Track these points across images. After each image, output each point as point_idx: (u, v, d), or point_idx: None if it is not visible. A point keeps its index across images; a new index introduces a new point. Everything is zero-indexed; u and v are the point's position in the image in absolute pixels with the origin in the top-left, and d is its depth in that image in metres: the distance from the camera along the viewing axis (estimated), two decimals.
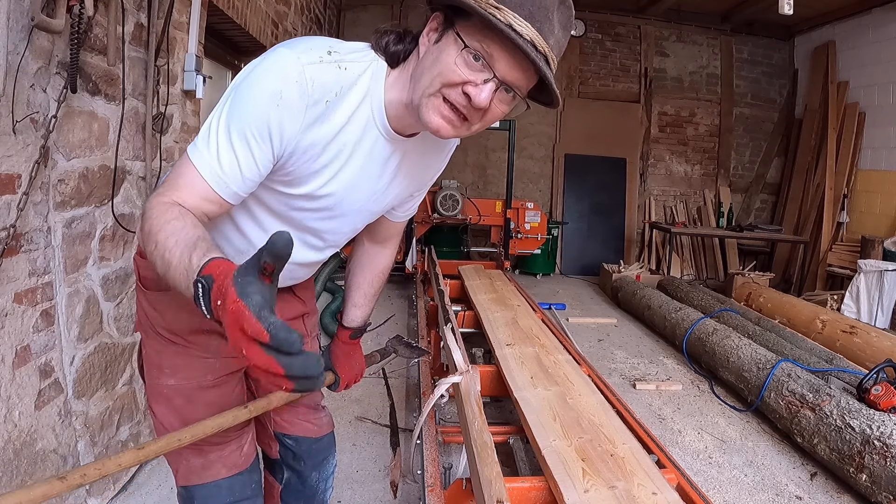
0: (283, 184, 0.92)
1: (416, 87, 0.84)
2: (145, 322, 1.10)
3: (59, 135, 1.52)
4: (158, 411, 1.10)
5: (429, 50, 0.83)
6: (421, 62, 0.84)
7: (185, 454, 1.10)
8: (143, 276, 1.08)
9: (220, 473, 1.13)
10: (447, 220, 5.18)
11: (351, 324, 1.30)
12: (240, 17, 2.87)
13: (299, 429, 1.31)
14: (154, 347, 1.09)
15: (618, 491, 1.20)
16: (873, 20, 5.50)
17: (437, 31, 0.83)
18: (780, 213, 6.65)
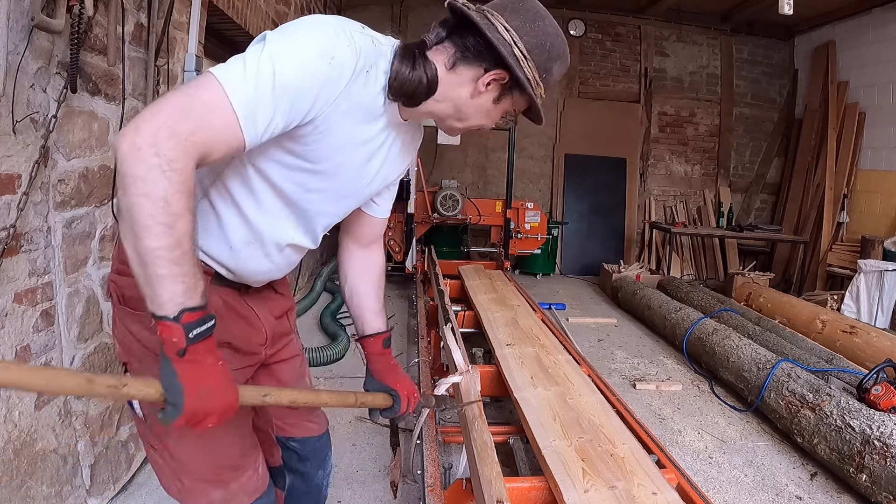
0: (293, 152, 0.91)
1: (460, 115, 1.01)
2: (139, 349, 0.97)
3: (59, 135, 1.52)
4: (173, 444, 1.00)
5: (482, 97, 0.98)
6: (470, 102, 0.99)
7: (204, 489, 1.02)
8: (130, 297, 0.95)
9: (244, 502, 1.06)
10: (447, 220, 5.17)
11: (380, 329, 1.26)
12: (240, 17, 2.87)
13: (302, 430, 1.30)
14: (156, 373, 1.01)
15: (618, 491, 1.20)
16: (873, 20, 5.50)
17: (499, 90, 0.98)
18: (780, 213, 6.65)
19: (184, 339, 0.72)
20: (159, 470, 1.05)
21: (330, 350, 3.21)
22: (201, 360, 0.75)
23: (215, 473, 1.03)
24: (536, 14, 0.97)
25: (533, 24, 0.96)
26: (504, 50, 0.93)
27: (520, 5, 0.96)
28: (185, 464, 1.01)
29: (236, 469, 1.06)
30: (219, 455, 1.03)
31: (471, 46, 0.95)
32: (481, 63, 0.95)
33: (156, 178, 0.69)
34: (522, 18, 0.95)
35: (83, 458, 1.69)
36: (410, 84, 0.94)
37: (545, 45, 0.96)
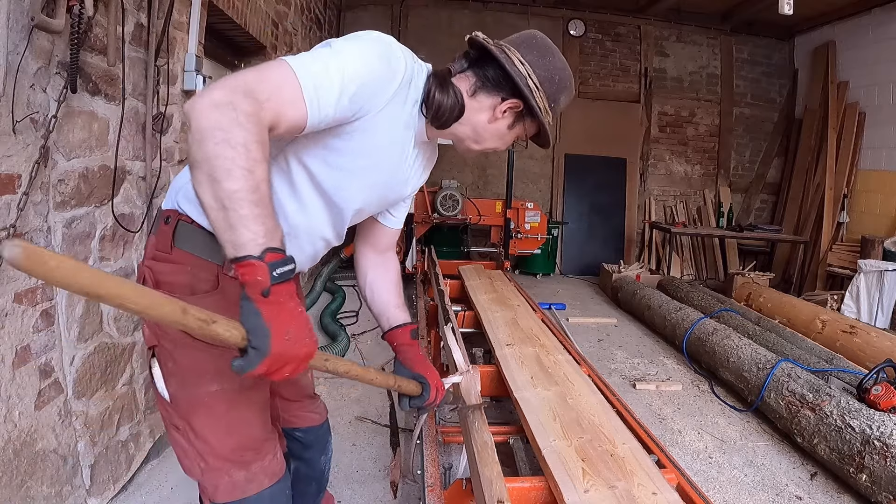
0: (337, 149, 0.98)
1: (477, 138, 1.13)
2: (172, 331, 1.00)
3: (59, 135, 1.52)
4: (199, 423, 1.04)
5: (498, 122, 1.10)
6: (488, 127, 1.11)
7: (226, 468, 1.06)
8: (168, 282, 1.00)
9: (264, 484, 1.10)
10: (447, 220, 5.17)
11: (406, 321, 1.30)
12: (240, 17, 2.87)
13: (306, 420, 1.38)
14: (191, 355, 1.02)
15: (618, 491, 1.20)
16: (873, 20, 5.50)
17: (513, 117, 1.10)
18: (780, 213, 6.65)
19: (268, 278, 0.72)
20: (182, 451, 1.08)
21: (330, 350, 3.22)
22: (284, 302, 0.75)
23: (239, 454, 1.06)
24: (547, 50, 1.10)
25: (544, 59, 1.08)
26: (520, 81, 1.05)
27: (533, 42, 1.09)
28: (210, 443, 1.04)
29: (258, 451, 1.09)
30: (244, 435, 1.07)
31: (490, 77, 1.07)
32: (499, 92, 1.08)
33: (235, 128, 0.73)
34: (535, 54, 1.08)
35: (83, 458, 1.69)
36: (445, 107, 1.05)
37: (554, 78, 1.09)
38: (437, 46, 6.44)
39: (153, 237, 1.06)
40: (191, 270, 1.01)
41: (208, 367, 1.03)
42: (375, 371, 1.12)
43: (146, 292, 0.64)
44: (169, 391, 1.04)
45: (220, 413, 1.05)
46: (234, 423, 1.06)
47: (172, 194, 1.07)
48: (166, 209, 1.05)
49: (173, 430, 1.08)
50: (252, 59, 3.49)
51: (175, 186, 1.08)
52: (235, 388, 1.06)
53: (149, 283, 1.03)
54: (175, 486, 2.00)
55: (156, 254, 1.03)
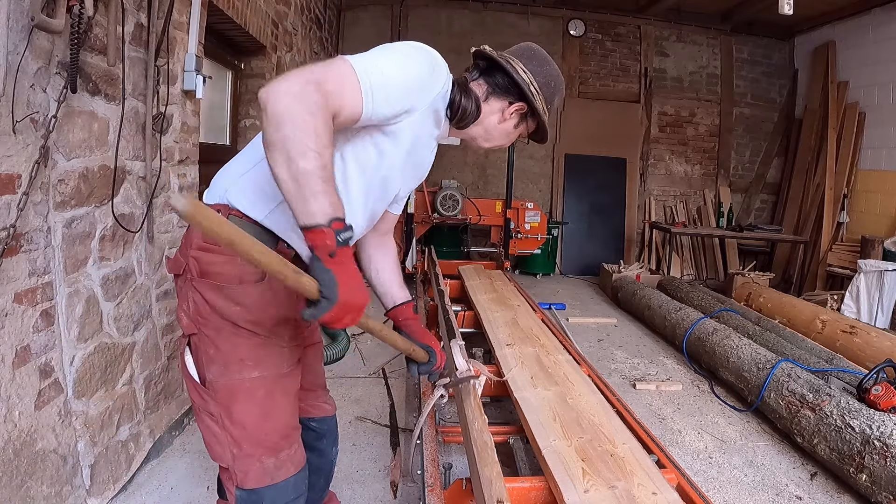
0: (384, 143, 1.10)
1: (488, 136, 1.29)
2: (215, 319, 1.09)
3: (59, 135, 1.52)
4: (238, 409, 1.11)
5: (506, 123, 1.28)
6: (497, 127, 1.28)
7: (258, 455, 1.13)
8: (216, 272, 1.08)
9: (290, 471, 1.17)
10: (447, 220, 5.17)
11: (408, 298, 1.44)
12: (240, 17, 2.87)
13: (321, 410, 1.46)
14: (232, 342, 1.10)
15: (618, 491, 1.20)
16: (873, 20, 5.50)
17: (518, 118, 1.28)
18: (780, 213, 6.65)
19: (335, 242, 0.85)
20: (214, 438, 1.14)
21: (330, 350, 3.22)
22: (347, 262, 0.88)
23: (272, 440, 1.14)
24: (544, 59, 1.28)
25: (542, 68, 1.26)
26: (525, 87, 1.23)
27: (532, 53, 1.27)
28: (247, 428, 1.11)
29: (288, 438, 1.18)
30: (279, 422, 1.16)
31: (500, 84, 1.24)
32: (507, 97, 1.25)
33: (308, 117, 0.85)
34: (535, 63, 1.26)
35: (83, 458, 1.69)
36: (468, 111, 1.20)
37: (551, 83, 1.27)
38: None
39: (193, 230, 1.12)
40: (240, 262, 1.07)
41: (250, 353, 1.11)
42: (397, 335, 1.28)
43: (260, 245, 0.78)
44: (207, 377, 1.11)
45: (259, 399, 1.12)
46: (270, 409, 1.13)
47: (219, 191, 1.13)
48: (214, 203, 1.12)
49: (207, 417, 1.14)
50: (252, 58, 3.49)
51: (220, 184, 1.14)
52: (274, 376, 1.14)
53: (193, 271, 1.10)
54: (175, 486, 2.00)
55: (202, 244, 1.09)
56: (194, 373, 1.13)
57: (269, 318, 1.11)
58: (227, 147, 3.41)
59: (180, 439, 2.33)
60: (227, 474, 1.16)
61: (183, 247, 1.14)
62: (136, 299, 2.00)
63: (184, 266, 1.11)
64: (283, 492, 1.16)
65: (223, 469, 1.18)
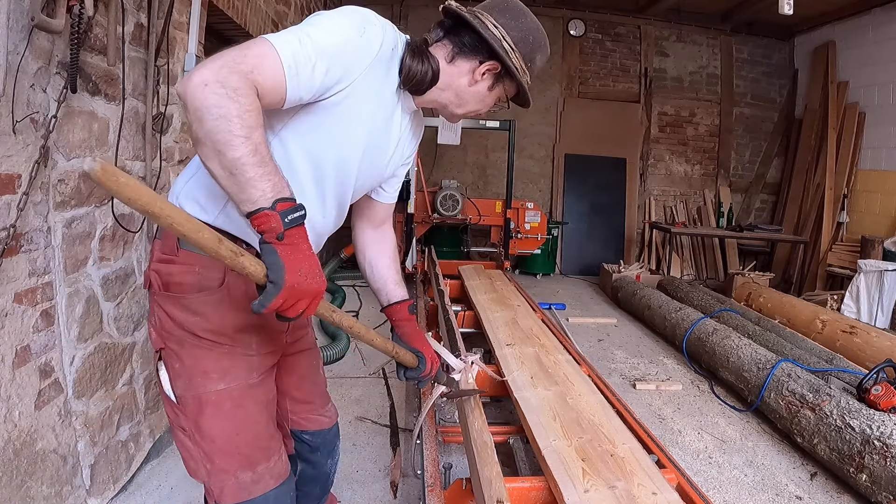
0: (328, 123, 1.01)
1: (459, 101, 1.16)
2: (178, 332, 1.04)
3: (59, 135, 1.52)
4: (206, 423, 1.06)
5: (478, 85, 1.14)
6: (468, 90, 1.14)
7: (232, 470, 1.08)
8: (176, 283, 1.03)
9: (270, 485, 1.11)
10: (447, 220, 5.17)
11: (405, 297, 1.35)
12: (240, 17, 2.87)
13: (316, 423, 1.37)
14: (195, 355, 1.05)
15: (618, 491, 1.20)
16: (873, 20, 5.50)
17: (492, 79, 1.14)
18: (780, 213, 6.65)
19: (281, 224, 0.82)
20: (187, 454, 1.09)
21: (330, 350, 3.22)
22: (297, 243, 0.84)
23: (245, 454, 1.08)
24: (519, 11, 1.13)
25: (517, 21, 1.12)
26: (495, 44, 1.09)
27: (505, 5, 1.13)
28: (216, 442, 1.06)
29: (265, 450, 1.12)
30: (251, 434, 1.09)
31: (466, 42, 1.11)
32: (476, 56, 1.11)
33: (227, 103, 0.80)
34: (508, 16, 1.12)
35: (83, 458, 1.69)
36: (420, 74, 1.08)
37: (528, 38, 1.13)
38: None
39: (158, 241, 1.07)
40: (198, 270, 1.03)
41: (213, 365, 1.05)
42: (376, 333, 1.17)
43: (191, 219, 0.74)
44: (176, 392, 1.06)
45: (227, 411, 1.07)
46: (241, 421, 1.08)
47: (173, 197, 1.08)
48: None
49: (180, 433, 1.10)
50: None
51: (175, 189, 1.09)
52: (241, 387, 1.08)
53: (156, 286, 1.05)
54: (175, 486, 2.00)
55: (161, 256, 1.05)
56: (168, 388, 1.08)
57: (230, 326, 1.06)
58: None
59: None
60: (207, 490, 1.12)
61: (149, 261, 1.10)
62: (136, 299, 2.00)
63: (148, 282, 1.07)
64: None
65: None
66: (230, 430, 1.07)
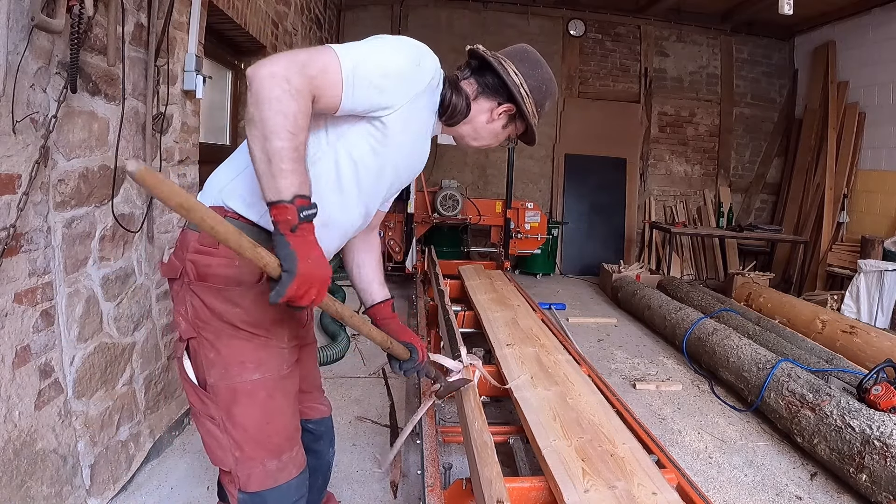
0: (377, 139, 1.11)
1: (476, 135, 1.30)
2: (216, 322, 1.09)
3: (59, 135, 1.52)
4: (240, 412, 1.11)
5: (494, 123, 1.28)
6: (486, 126, 1.29)
7: (260, 458, 1.13)
8: (214, 274, 1.08)
9: (292, 473, 1.18)
10: (447, 220, 5.17)
11: (387, 297, 1.45)
12: (240, 17, 2.87)
13: (318, 412, 1.46)
14: (232, 345, 1.10)
15: (618, 491, 1.20)
16: (873, 20, 5.50)
17: (507, 119, 1.29)
18: (780, 213, 6.65)
19: (296, 218, 0.90)
20: (215, 442, 1.14)
21: (330, 350, 3.22)
22: (307, 236, 0.92)
23: (274, 443, 1.15)
24: (537, 63, 1.28)
25: (534, 70, 1.26)
26: (514, 90, 1.23)
27: (525, 55, 1.28)
28: (249, 431, 1.12)
29: (291, 440, 1.19)
30: (280, 424, 1.16)
31: (489, 84, 1.25)
32: (497, 97, 1.25)
33: (288, 100, 0.90)
34: (527, 65, 1.26)
35: (83, 458, 1.69)
36: (458, 108, 1.22)
37: (542, 87, 1.28)
38: (437, 46, 6.31)
39: (193, 233, 1.10)
40: (238, 264, 1.08)
41: (251, 355, 1.11)
42: (372, 326, 1.26)
43: (217, 216, 0.82)
44: (208, 381, 1.11)
45: (260, 401, 1.12)
46: (272, 411, 1.14)
47: (213, 192, 1.13)
48: (211, 206, 1.10)
49: (207, 421, 1.14)
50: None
51: (215, 185, 1.14)
52: (274, 377, 1.14)
53: (191, 275, 1.09)
54: (175, 486, 2.00)
55: (200, 248, 1.09)
56: (193, 377, 1.12)
57: (268, 319, 1.11)
58: (227, 147, 3.41)
59: (180, 439, 2.33)
60: (229, 477, 1.15)
61: (178, 250, 1.13)
62: (136, 299, 2.00)
63: (180, 270, 1.10)
64: (286, 494, 1.16)
65: (224, 472, 1.17)
66: (262, 420, 1.12)
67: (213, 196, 1.12)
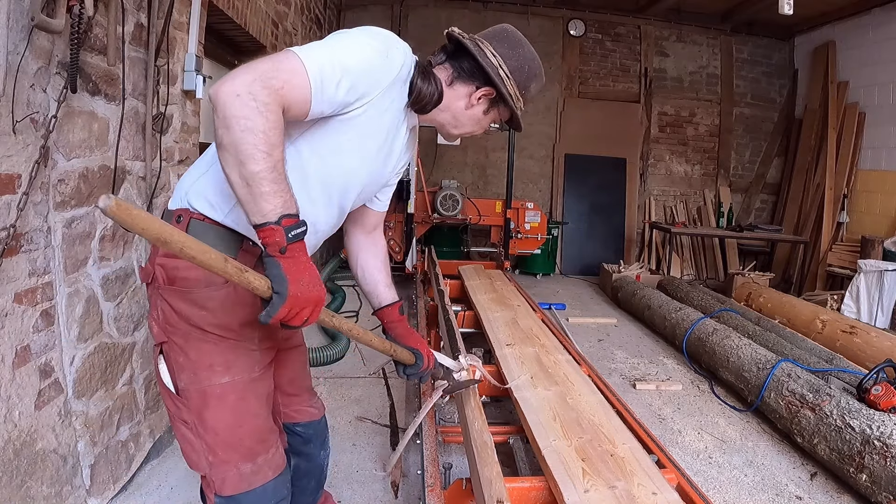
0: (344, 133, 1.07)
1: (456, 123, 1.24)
2: (183, 326, 1.07)
3: (59, 135, 1.52)
4: (210, 416, 1.09)
5: (474, 108, 1.22)
6: (465, 112, 1.22)
7: (234, 461, 1.11)
8: (182, 277, 1.05)
9: (268, 476, 1.15)
10: (447, 220, 5.17)
11: (395, 299, 1.42)
12: (240, 17, 2.87)
13: (306, 415, 1.42)
14: (201, 349, 1.07)
15: (618, 491, 1.20)
16: (873, 20, 5.50)
17: (487, 104, 1.22)
18: (780, 213, 6.65)
19: (284, 239, 0.87)
20: (189, 446, 1.13)
21: (330, 350, 3.21)
22: (298, 256, 0.90)
23: (247, 446, 1.12)
24: (517, 42, 1.21)
25: (514, 51, 1.20)
26: (491, 71, 1.17)
27: (504, 35, 1.21)
28: (220, 434, 1.09)
29: (265, 442, 1.16)
30: (252, 426, 1.13)
31: (465, 68, 1.18)
32: (474, 81, 1.19)
33: (256, 117, 0.85)
34: (506, 46, 1.19)
35: (83, 458, 1.69)
36: (425, 94, 1.14)
37: (524, 67, 1.20)
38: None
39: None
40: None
41: (219, 359, 1.08)
42: (373, 335, 1.22)
43: (200, 243, 0.79)
44: (179, 385, 1.09)
45: (230, 404, 1.10)
46: (243, 414, 1.11)
47: (181, 194, 1.10)
48: (176, 209, 1.09)
49: (181, 425, 1.12)
50: (252, 58, 3.48)
51: (183, 186, 1.11)
52: (245, 380, 1.11)
53: (160, 279, 1.07)
54: (175, 486, 2.00)
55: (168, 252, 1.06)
56: (168, 381, 1.10)
57: (236, 320, 1.09)
58: None
59: None
60: (206, 482, 1.14)
61: (151, 255, 1.12)
62: (136, 299, 2.00)
63: (152, 274, 1.09)
64: (262, 497, 1.14)
65: (203, 476, 1.16)
66: (233, 423, 1.10)
67: (181, 197, 1.10)
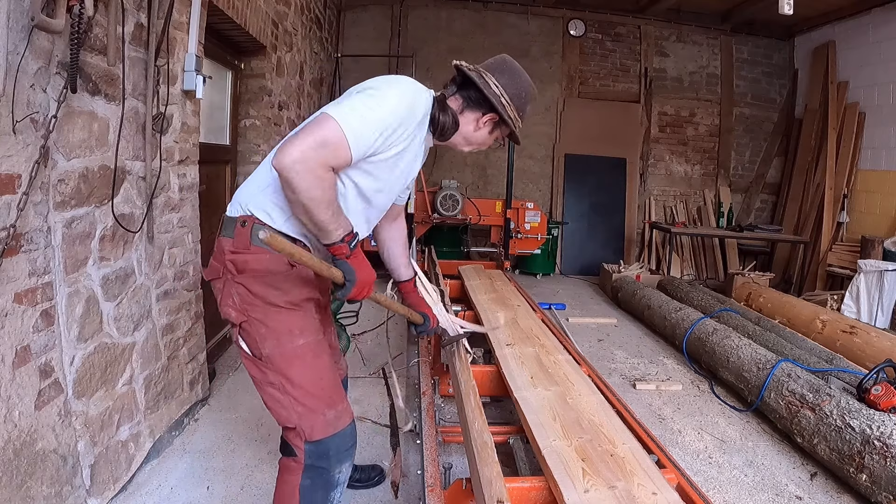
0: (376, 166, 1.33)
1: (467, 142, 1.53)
2: (260, 303, 1.32)
3: (59, 135, 1.52)
4: (295, 373, 1.32)
5: (481, 130, 1.50)
6: (474, 134, 1.50)
7: (320, 409, 1.33)
8: (252, 268, 1.32)
9: (346, 421, 1.38)
10: (447, 220, 5.17)
11: (411, 276, 1.78)
12: (240, 17, 2.87)
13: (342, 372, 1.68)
14: (278, 318, 1.33)
15: (618, 491, 1.20)
16: (873, 20, 5.51)
17: (492, 126, 1.50)
18: (780, 213, 6.65)
19: (348, 249, 1.26)
20: (278, 405, 1.34)
21: None
22: (357, 256, 1.29)
23: (328, 395, 1.36)
24: (515, 72, 1.46)
25: (513, 80, 1.44)
26: (495, 101, 1.42)
27: (504, 67, 1.46)
28: (306, 387, 1.33)
29: (339, 392, 1.41)
30: (330, 378, 1.39)
31: (473, 98, 1.44)
32: (480, 108, 1.45)
33: (319, 183, 1.16)
34: (507, 76, 1.44)
35: (83, 458, 1.69)
36: (447, 126, 1.44)
37: (522, 94, 1.46)
38: (437, 46, 6.43)
39: (228, 239, 1.35)
40: (268, 259, 1.32)
41: (296, 324, 1.35)
42: (398, 304, 1.66)
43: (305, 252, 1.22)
44: (263, 353, 1.33)
45: (309, 362, 1.35)
46: (321, 368, 1.37)
47: (241, 204, 1.36)
48: (240, 216, 1.35)
49: (269, 388, 1.34)
50: (252, 58, 3.49)
51: (242, 198, 1.37)
52: (316, 341, 1.38)
53: (233, 271, 1.33)
54: (175, 486, 2.00)
55: (234, 250, 1.33)
56: (250, 353, 1.34)
57: (300, 296, 1.36)
58: (227, 147, 3.41)
59: (180, 439, 2.33)
60: (294, 433, 1.33)
61: (217, 255, 1.37)
62: (136, 299, 2.00)
63: (222, 269, 1.34)
64: (343, 439, 1.36)
65: (289, 429, 1.35)
66: (315, 377, 1.35)
67: (241, 206, 1.35)
